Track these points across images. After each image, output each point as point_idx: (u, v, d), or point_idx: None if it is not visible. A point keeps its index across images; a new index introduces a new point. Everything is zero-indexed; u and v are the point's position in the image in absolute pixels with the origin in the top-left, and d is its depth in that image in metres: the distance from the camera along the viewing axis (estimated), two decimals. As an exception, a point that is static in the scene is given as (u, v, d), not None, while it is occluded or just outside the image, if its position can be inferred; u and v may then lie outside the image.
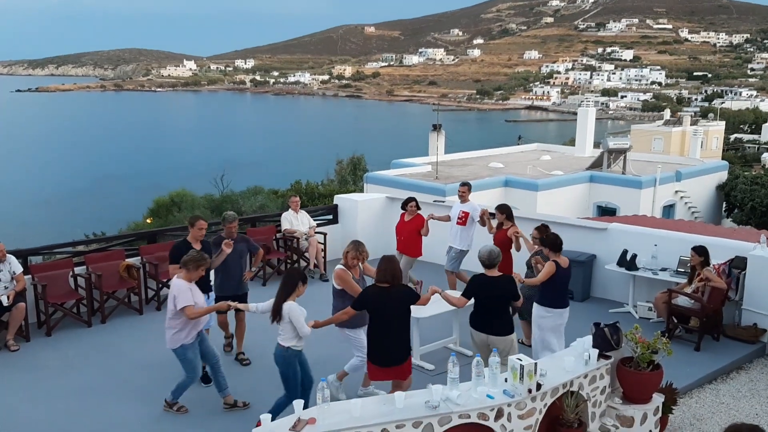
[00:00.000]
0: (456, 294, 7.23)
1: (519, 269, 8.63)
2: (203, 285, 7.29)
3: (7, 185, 67.06)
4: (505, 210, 9.33)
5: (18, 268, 8.90)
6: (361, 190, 21.15)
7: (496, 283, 6.65)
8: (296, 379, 6.29)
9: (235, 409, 6.95)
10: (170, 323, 6.68)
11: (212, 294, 7.90)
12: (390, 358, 6.22)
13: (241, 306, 6.83)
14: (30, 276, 9.33)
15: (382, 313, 6.16)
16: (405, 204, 10.30)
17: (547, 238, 7.58)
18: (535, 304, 7.54)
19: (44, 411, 7.07)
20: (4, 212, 53.82)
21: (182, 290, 6.58)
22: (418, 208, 10.32)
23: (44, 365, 8.22)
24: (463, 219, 10.05)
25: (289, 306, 6.16)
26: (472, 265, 8.68)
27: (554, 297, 7.37)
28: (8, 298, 8.60)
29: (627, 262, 9.81)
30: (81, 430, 6.68)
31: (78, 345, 8.86)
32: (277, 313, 6.17)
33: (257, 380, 7.62)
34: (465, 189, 10.25)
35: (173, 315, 6.61)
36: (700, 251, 8.77)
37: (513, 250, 9.17)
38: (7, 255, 8.84)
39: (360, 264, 7.22)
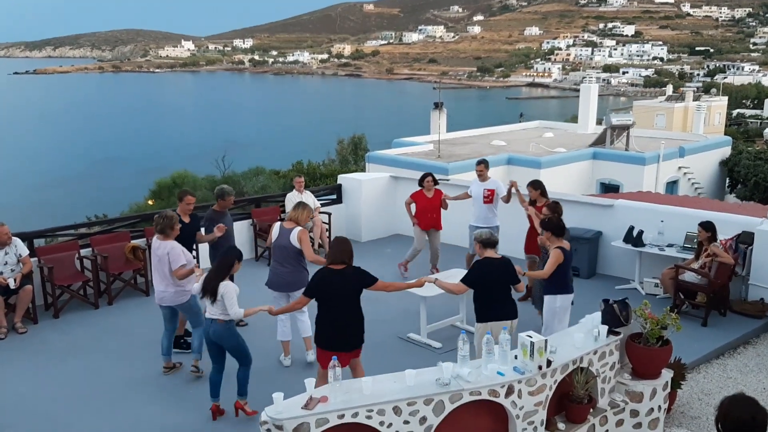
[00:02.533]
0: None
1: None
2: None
3: (8, 169, 67.00)
4: (538, 186, 9.09)
5: (24, 251, 8.90)
6: (363, 170, 21.09)
7: (500, 266, 6.43)
8: (245, 345, 6.44)
9: (174, 371, 7.43)
10: (172, 281, 7.00)
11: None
12: (343, 343, 5.93)
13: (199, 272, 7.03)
14: (36, 258, 9.34)
15: (335, 297, 5.91)
16: (422, 180, 10.44)
17: (550, 222, 7.17)
18: (551, 297, 7.15)
19: (52, 392, 7.10)
20: (6, 195, 53.82)
21: (176, 249, 6.98)
22: (436, 182, 10.47)
23: (52, 347, 8.25)
24: (490, 197, 9.83)
25: (224, 286, 6.23)
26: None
27: (564, 283, 7.13)
28: (15, 280, 8.61)
29: (633, 238, 9.78)
30: (89, 412, 6.71)
31: (85, 327, 8.89)
32: (212, 292, 6.22)
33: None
34: (483, 167, 9.98)
35: (168, 273, 6.98)
36: (708, 227, 8.74)
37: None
38: (13, 238, 8.83)
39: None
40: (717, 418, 3.29)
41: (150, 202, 28.68)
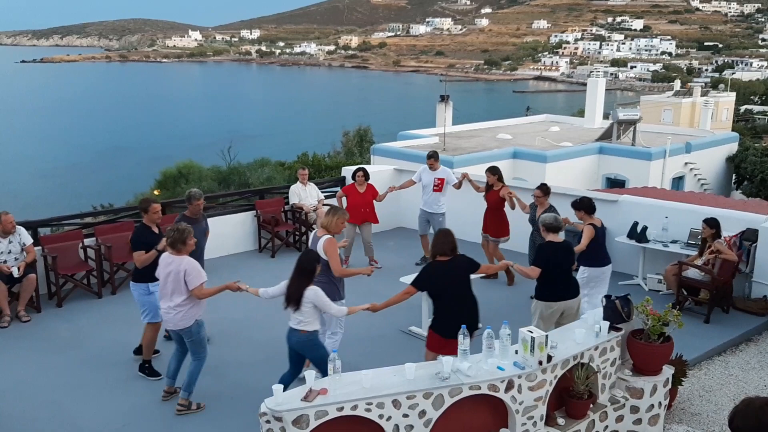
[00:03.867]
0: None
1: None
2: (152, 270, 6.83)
3: (14, 157, 67.21)
4: (496, 172, 9.88)
5: (28, 240, 8.93)
6: (368, 162, 21.05)
7: (564, 248, 6.88)
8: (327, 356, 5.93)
9: (174, 396, 6.66)
10: (179, 301, 6.26)
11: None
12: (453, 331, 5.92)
13: (250, 289, 6.38)
14: (40, 247, 9.37)
15: (450, 287, 6.12)
16: (354, 175, 10.81)
17: (582, 202, 8.06)
18: (582, 268, 7.91)
19: (54, 381, 7.14)
20: (12, 184, 54.00)
21: (194, 266, 6.25)
22: (367, 177, 10.77)
23: (55, 336, 8.29)
24: (440, 185, 10.53)
25: (314, 292, 5.94)
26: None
27: (600, 256, 7.97)
28: (19, 269, 8.63)
29: (637, 234, 9.76)
30: (90, 400, 6.75)
31: (88, 316, 8.92)
32: (296, 301, 5.91)
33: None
34: (433, 161, 10.58)
35: (183, 293, 6.23)
36: (712, 223, 8.71)
37: (507, 210, 9.79)
38: (17, 227, 8.85)
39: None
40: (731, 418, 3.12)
41: (156, 192, 28.75)
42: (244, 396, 6.69)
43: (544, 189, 8.90)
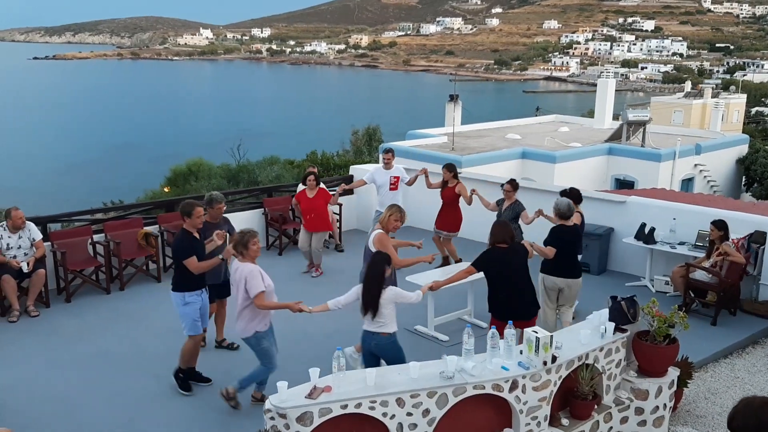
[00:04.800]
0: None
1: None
2: (201, 278, 6.76)
3: (25, 153, 67.64)
4: (452, 169, 10.08)
5: (37, 235, 9.00)
6: (377, 161, 21.04)
7: (573, 231, 7.51)
8: (404, 358, 6.00)
9: (260, 403, 6.32)
10: (241, 309, 6.15)
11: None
12: (518, 314, 6.42)
13: (314, 309, 6.15)
14: (50, 243, 9.44)
15: (507, 271, 6.52)
16: (304, 179, 10.47)
17: (572, 193, 8.54)
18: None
19: (62, 376, 7.20)
20: (22, 180, 54.34)
21: (254, 274, 6.05)
22: (318, 182, 10.48)
23: (63, 331, 8.35)
24: (396, 184, 10.44)
25: (392, 291, 5.95)
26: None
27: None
28: (28, 264, 8.70)
29: (645, 235, 9.74)
30: (97, 395, 6.80)
31: (97, 311, 8.98)
32: (375, 306, 5.84)
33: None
34: (390, 156, 10.50)
35: (244, 301, 6.10)
36: (720, 225, 8.69)
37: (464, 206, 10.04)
38: (27, 222, 8.93)
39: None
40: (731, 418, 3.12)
41: (165, 189, 28.88)
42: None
43: (513, 184, 9.25)
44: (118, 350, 7.82)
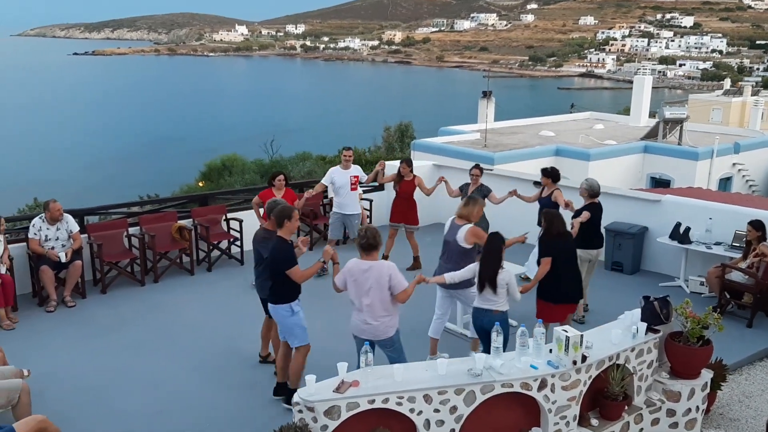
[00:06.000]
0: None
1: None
2: (300, 285, 6.37)
3: (65, 147, 69.02)
4: (410, 164, 10.33)
5: (75, 227, 9.18)
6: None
7: (600, 207, 8.55)
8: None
9: None
10: (384, 310, 5.92)
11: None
12: (570, 297, 7.11)
13: (434, 279, 6.54)
14: (86, 235, 9.63)
15: (567, 257, 7.09)
16: (273, 179, 9.83)
17: (551, 170, 9.24)
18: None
19: (97, 365, 7.35)
20: (62, 173, 55.51)
21: (396, 269, 5.95)
22: (287, 182, 9.98)
23: (99, 321, 8.52)
24: (356, 184, 10.46)
25: (509, 274, 6.29)
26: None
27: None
28: (66, 255, 8.89)
29: (680, 235, 9.58)
30: (131, 385, 6.93)
31: (131, 303, 9.14)
32: (492, 282, 6.19)
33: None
34: (351, 153, 10.51)
35: (383, 301, 5.89)
36: (758, 225, 8.52)
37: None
38: (65, 214, 9.12)
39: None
40: None
41: (200, 184, 29.27)
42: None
43: (480, 168, 9.78)
44: (152, 341, 7.96)
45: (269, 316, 6.91)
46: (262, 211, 9.26)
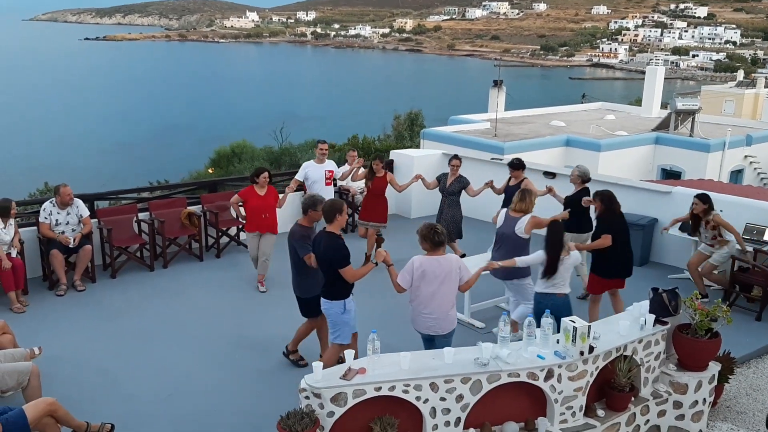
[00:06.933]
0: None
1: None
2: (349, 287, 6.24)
3: (76, 132, 69.25)
4: (383, 160, 10.38)
5: (85, 212, 9.23)
6: (418, 146, 21.00)
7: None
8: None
9: None
10: (451, 303, 5.98)
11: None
12: (626, 271, 7.53)
13: (506, 263, 6.62)
14: (96, 220, 9.68)
15: (625, 235, 7.45)
16: (257, 175, 9.19)
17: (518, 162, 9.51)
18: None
19: (106, 349, 7.41)
20: (72, 158, 55.73)
21: (462, 261, 6.10)
22: (270, 179, 9.43)
23: (108, 306, 8.58)
24: (331, 178, 10.41)
25: (576, 257, 6.66)
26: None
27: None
28: (75, 240, 8.94)
29: (690, 226, 9.52)
30: (140, 368, 6.99)
31: (140, 288, 9.20)
32: (555, 267, 6.49)
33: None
34: (327, 147, 10.43)
35: (454, 293, 5.99)
36: (705, 198, 8.70)
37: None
38: (75, 199, 9.16)
39: None
40: None
41: (210, 171, 29.30)
42: (285, 372, 6.82)
43: (459, 159, 9.96)
44: (160, 326, 8.01)
45: (308, 316, 6.89)
46: (242, 210, 9.19)
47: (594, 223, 7.95)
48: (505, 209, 7.62)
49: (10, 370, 5.89)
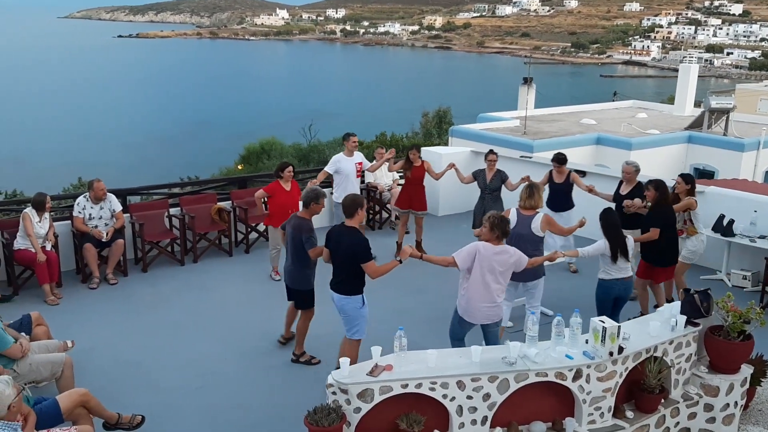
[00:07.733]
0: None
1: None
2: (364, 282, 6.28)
3: (109, 128, 70.32)
4: (419, 150, 10.48)
5: (117, 207, 9.38)
6: (446, 144, 20.92)
7: None
8: None
9: None
10: (504, 292, 6.23)
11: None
12: (674, 259, 7.88)
13: (570, 253, 7.32)
14: (129, 214, 9.83)
15: (669, 226, 7.73)
16: (282, 169, 9.23)
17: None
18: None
19: (137, 341, 7.53)
20: (105, 154, 56.61)
21: (518, 251, 6.25)
22: (295, 174, 9.60)
23: (139, 299, 8.71)
24: (360, 170, 10.34)
25: (632, 240, 7.07)
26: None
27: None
28: (107, 234, 9.09)
29: (723, 227, 9.38)
30: (170, 361, 7.09)
31: (171, 282, 9.32)
32: (624, 251, 6.87)
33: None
34: (355, 139, 10.26)
35: (507, 283, 6.19)
36: (689, 179, 8.47)
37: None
38: (108, 194, 9.31)
39: None
40: None
41: (239, 167, 29.55)
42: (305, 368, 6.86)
43: (495, 153, 9.92)
44: (190, 319, 8.11)
45: (295, 306, 7.13)
46: (264, 205, 9.23)
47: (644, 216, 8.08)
48: (514, 208, 7.41)
49: (44, 361, 6.01)
